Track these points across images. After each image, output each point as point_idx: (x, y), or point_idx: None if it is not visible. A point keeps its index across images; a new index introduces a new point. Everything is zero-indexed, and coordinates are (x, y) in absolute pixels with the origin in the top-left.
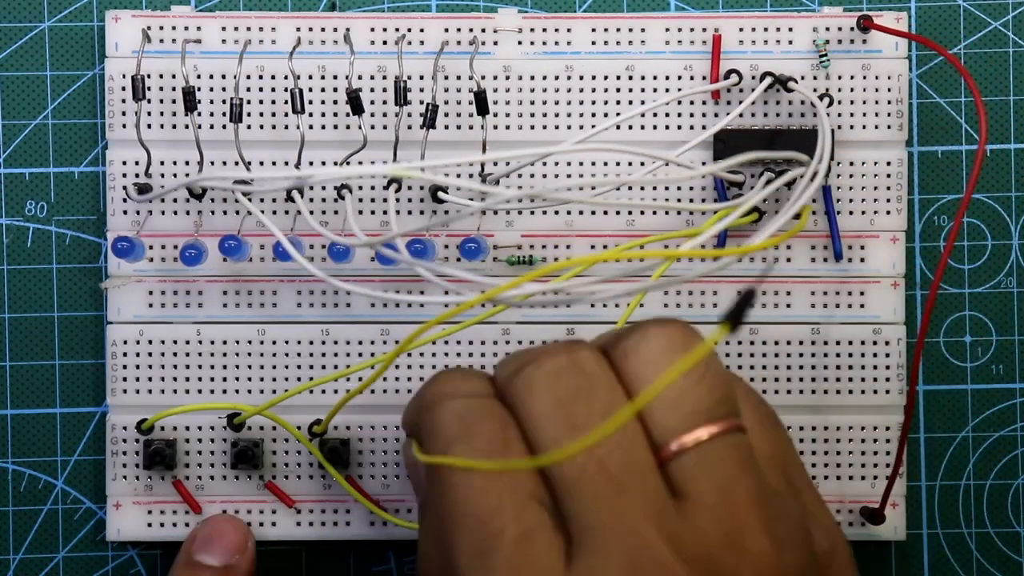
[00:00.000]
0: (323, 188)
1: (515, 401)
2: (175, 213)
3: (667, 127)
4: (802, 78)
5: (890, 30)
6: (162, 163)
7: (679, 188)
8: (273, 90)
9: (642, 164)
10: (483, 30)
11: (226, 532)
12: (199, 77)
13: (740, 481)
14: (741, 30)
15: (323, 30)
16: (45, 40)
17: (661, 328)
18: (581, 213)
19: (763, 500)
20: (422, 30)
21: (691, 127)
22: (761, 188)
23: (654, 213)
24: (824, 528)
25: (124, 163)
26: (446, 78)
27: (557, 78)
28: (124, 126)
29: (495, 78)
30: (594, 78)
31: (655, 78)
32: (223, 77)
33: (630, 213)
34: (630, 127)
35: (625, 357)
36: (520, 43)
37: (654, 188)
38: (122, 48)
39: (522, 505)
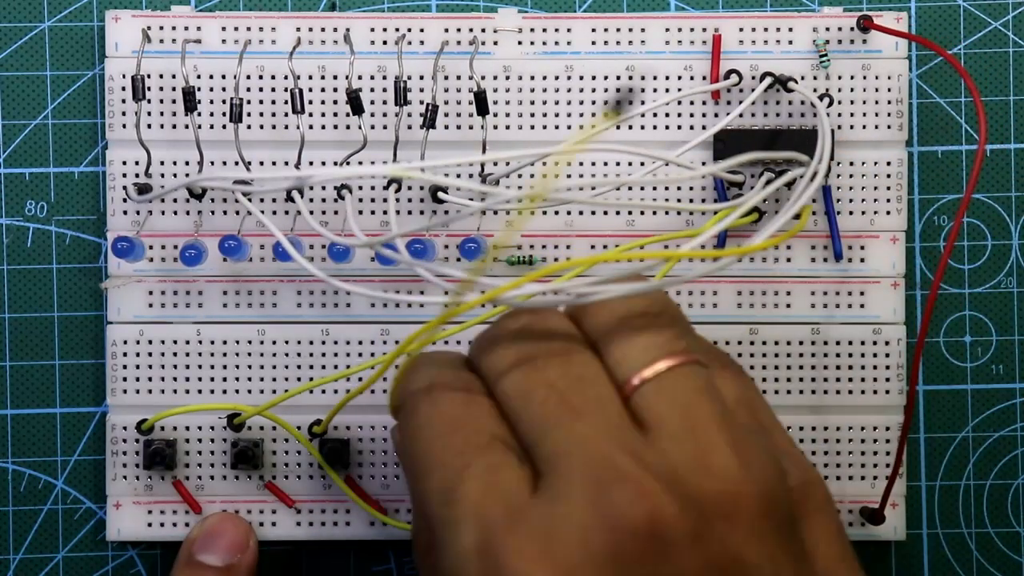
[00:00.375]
0: (323, 188)
1: (479, 359)
2: (175, 213)
3: (667, 127)
4: (802, 78)
5: (890, 30)
6: (162, 163)
7: (679, 188)
8: (273, 90)
9: (642, 164)
10: (483, 30)
11: (227, 531)
12: (199, 77)
13: (702, 405)
14: (741, 30)
15: (323, 30)
16: (45, 40)
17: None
18: (581, 213)
19: (727, 424)
20: (422, 30)
21: (691, 127)
22: (761, 188)
23: (654, 213)
24: (797, 463)
25: (124, 163)
26: (446, 78)
27: (557, 78)
28: (124, 126)
29: (495, 78)
30: (594, 78)
31: (655, 78)
32: (223, 77)
33: (630, 213)
34: (630, 127)
35: (583, 306)
36: (520, 43)
37: (654, 188)
38: (122, 48)
39: (487, 445)
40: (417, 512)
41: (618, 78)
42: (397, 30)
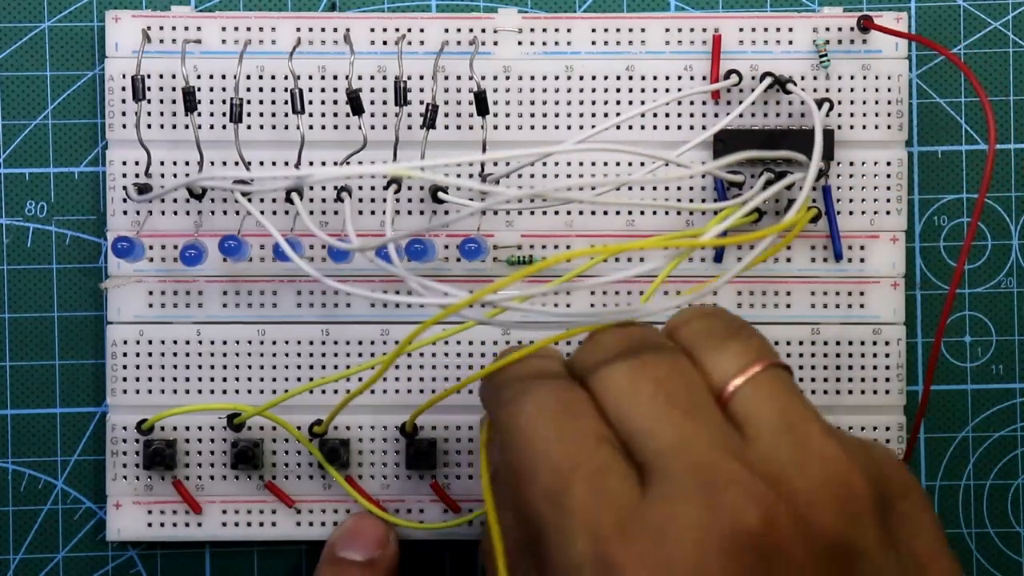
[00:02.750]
0: (323, 189)
1: (581, 356)
2: (175, 213)
3: (667, 127)
4: (802, 78)
5: (889, 30)
6: (162, 163)
7: (679, 188)
8: (273, 90)
9: (642, 164)
10: (483, 30)
11: (368, 528)
12: (199, 77)
13: (795, 403)
14: (741, 30)
15: (323, 30)
16: (45, 40)
17: (700, 308)
18: (581, 213)
19: (818, 416)
20: (422, 30)
21: (691, 127)
22: (761, 188)
23: (654, 213)
24: (890, 465)
25: (124, 163)
26: (446, 78)
27: (557, 78)
28: (124, 126)
29: (495, 78)
30: (594, 78)
31: (655, 78)
32: (223, 77)
33: (630, 213)
34: (630, 127)
35: (669, 325)
36: (520, 43)
37: (654, 188)
38: (122, 48)
39: (594, 446)
40: (514, 512)
41: (618, 78)
42: (397, 30)
